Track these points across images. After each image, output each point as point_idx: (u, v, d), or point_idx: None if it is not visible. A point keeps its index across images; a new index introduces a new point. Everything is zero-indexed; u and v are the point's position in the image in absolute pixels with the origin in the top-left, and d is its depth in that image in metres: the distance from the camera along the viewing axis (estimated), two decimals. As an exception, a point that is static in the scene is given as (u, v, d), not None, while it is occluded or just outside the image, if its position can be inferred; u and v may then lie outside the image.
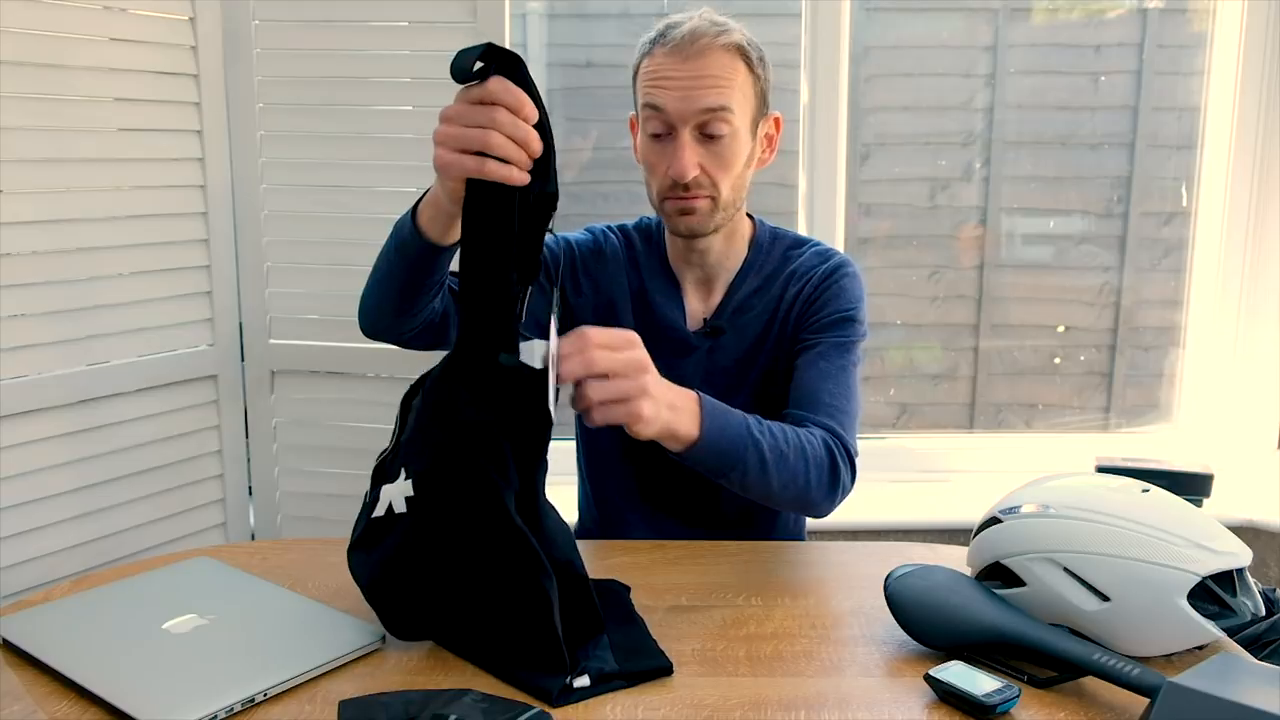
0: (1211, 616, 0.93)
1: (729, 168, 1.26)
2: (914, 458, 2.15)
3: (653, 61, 1.25)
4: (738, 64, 1.24)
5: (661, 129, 1.25)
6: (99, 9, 1.49)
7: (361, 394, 1.73)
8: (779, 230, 1.41)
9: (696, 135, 1.24)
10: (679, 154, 1.23)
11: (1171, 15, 2.07)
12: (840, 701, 0.90)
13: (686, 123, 1.23)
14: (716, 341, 1.35)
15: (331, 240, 1.70)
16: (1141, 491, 1.00)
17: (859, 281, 1.35)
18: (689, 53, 1.22)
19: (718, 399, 1.22)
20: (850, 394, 1.27)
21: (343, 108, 1.66)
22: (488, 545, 0.92)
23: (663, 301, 1.37)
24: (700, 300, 1.38)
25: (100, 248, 1.53)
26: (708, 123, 1.23)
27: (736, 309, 1.35)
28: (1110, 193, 2.13)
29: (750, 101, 1.26)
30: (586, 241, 1.42)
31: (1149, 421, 2.21)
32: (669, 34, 1.24)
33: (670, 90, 1.22)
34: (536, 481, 0.95)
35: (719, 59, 1.22)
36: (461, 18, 1.61)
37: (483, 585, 0.94)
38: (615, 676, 0.92)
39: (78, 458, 1.53)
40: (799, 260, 1.36)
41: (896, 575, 1.02)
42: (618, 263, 1.40)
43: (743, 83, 1.24)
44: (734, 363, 1.35)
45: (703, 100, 1.22)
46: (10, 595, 1.45)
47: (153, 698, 0.86)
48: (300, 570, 1.18)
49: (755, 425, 1.13)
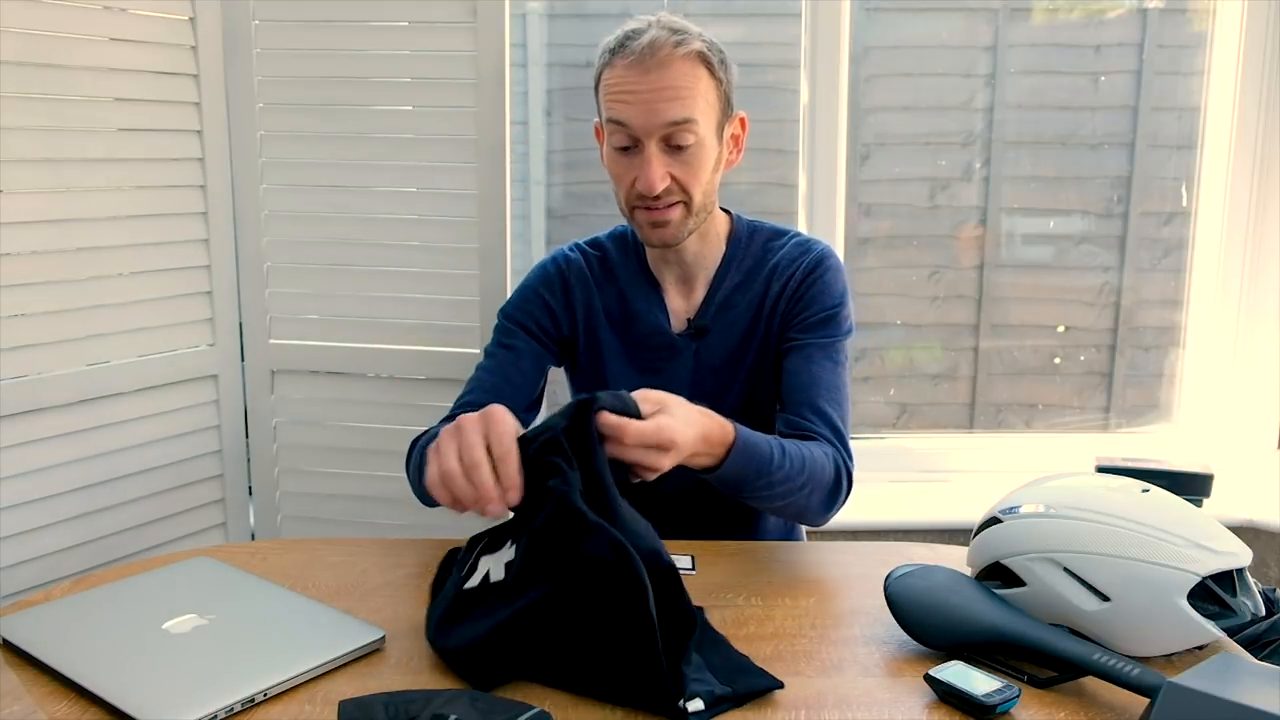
0: (1211, 616, 0.93)
1: (697, 176, 1.25)
2: (914, 458, 2.15)
3: (613, 74, 1.23)
4: (699, 72, 1.22)
5: (627, 142, 1.24)
6: (99, 9, 1.49)
7: (361, 394, 1.73)
8: (756, 223, 1.40)
9: (663, 146, 1.23)
10: (646, 167, 1.22)
11: (1171, 15, 2.07)
12: (840, 701, 0.90)
13: (652, 135, 1.22)
14: (703, 342, 1.35)
15: (331, 240, 1.70)
16: (1141, 491, 1.00)
17: (842, 274, 1.35)
18: (649, 65, 1.20)
19: (707, 398, 1.23)
20: (845, 396, 1.31)
21: (343, 108, 1.66)
22: (581, 564, 0.90)
23: (645, 308, 1.36)
24: (683, 299, 1.37)
25: (100, 248, 1.53)
26: (673, 135, 1.22)
27: (720, 306, 1.35)
28: (1110, 193, 2.13)
29: (714, 107, 1.25)
30: (549, 278, 1.39)
31: (1149, 421, 2.21)
32: (628, 45, 1.22)
33: (633, 105, 1.21)
34: (601, 475, 0.94)
35: (680, 69, 1.21)
36: (461, 18, 1.61)
37: (588, 620, 0.91)
38: (727, 700, 0.88)
39: (78, 458, 1.53)
40: (780, 253, 1.35)
41: (896, 575, 1.02)
42: (585, 284, 1.39)
43: (705, 90, 1.23)
44: (722, 361, 1.35)
45: (667, 114, 1.21)
46: (10, 595, 1.45)
47: (153, 698, 0.86)
48: (300, 570, 1.18)
49: (778, 455, 1.15)
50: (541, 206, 2.14)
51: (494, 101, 1.61)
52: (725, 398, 1.34)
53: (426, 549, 1.24)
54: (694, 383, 1.35)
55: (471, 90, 1.62)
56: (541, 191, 2.13)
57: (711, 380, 1.35)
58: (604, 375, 1.37)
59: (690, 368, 1.35)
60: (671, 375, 1.35)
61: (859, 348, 2.17)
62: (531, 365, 1.37)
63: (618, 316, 1.38)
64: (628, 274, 1.39)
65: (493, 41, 1.60)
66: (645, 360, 1.37)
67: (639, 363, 1.37)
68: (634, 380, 1.35)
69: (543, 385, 1.39)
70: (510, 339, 1.38)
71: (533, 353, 1.37)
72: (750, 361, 1.34)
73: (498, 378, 1.35)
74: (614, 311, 1.38)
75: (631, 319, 1.37)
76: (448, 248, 1.68)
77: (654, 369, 1.36)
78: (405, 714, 0.83)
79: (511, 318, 1.39)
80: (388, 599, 1.11)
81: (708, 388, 1.34)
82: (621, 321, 1.37)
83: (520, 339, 1.37)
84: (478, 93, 1.62)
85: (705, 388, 1.34)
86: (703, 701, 0.87)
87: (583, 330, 1.38)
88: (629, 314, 1.37)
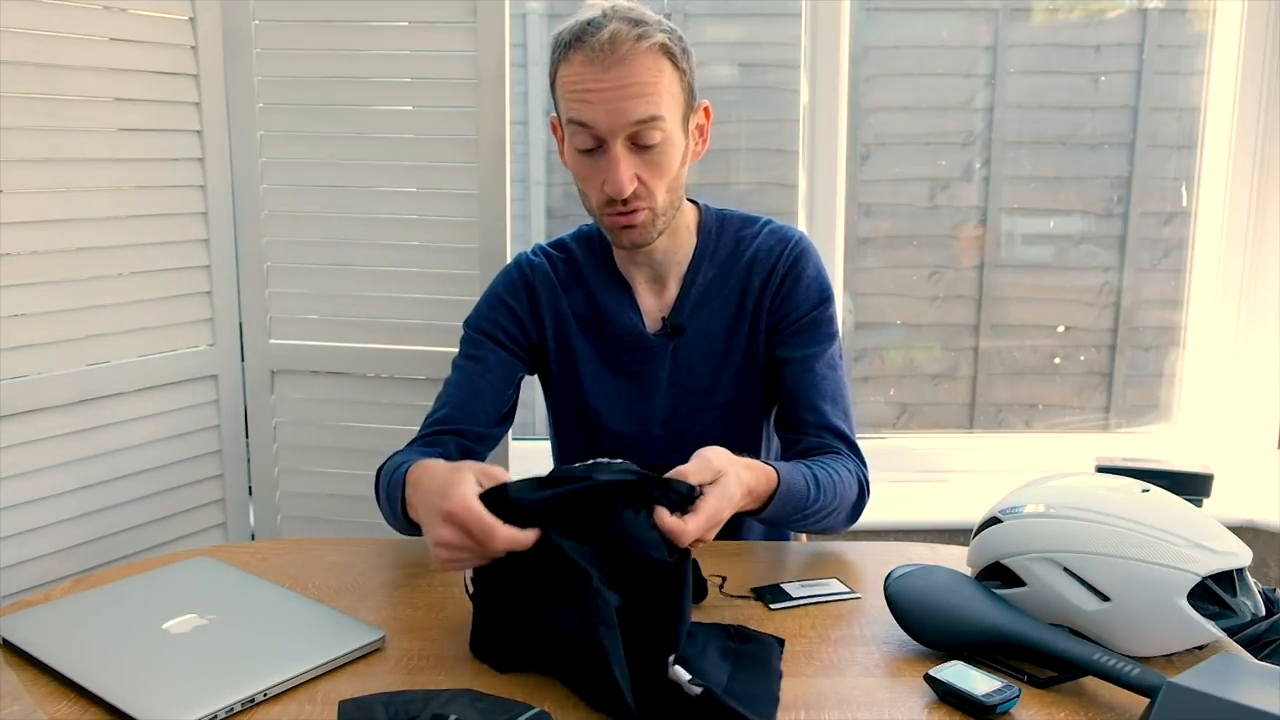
0: (1211, 616, 0.93)
1: (665, 174, 1.20)
2: (914, 458, 2.15)
3: (571, 70, 1.17)
4: (662, 65, 1.16)
5: (591, 143, 1.18)
6: (99, 9, 1.49)
7: (361, 394, 1.73)
8: (725, 211, 1.36)
9: (629, 146, 1.17)
10: (614, 170, 1.16)
11: (1171, 15, 2.07)
12: (840, 701, 0.90)
13: (617, 135, 1.16)
14: (680, 340, 1.32)
15: (331, 240, 1.70)
16: (1141, 491, 1.00)
17: (819, 260, 1.32)
18: (610, 61, 1.13)
19: (688, 397, 1.23)
20: (849, 400, 1.32)
21: (343, 108, 1.66)
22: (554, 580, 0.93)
23: (617, 310, 1.32)
24: (655, 297, 1.33)
25: (100, 248, 1.53)
26: (639, 134, 1.16)
27: (696, 303, 1.32)
28: (1110, 193, 2.13)
29: (679, 100, 1.20)
30: (514, 284, 1.35)
31: (1149, 421, 2.21)
32: (586, 39, 1.15)
33: (595, 104, 1.15)
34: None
35: (643, 63, 1.14)
36: (461, 18, 1.61)
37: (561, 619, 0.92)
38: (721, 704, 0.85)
39: (78, 458, 1.53)
40: (756, 243, 1.32)
41: (896, 575, 1.02)
42: (552, 288, 1.34)
43: (670, 83, 1.17)
44: (702, 358, 1.32)
45: (632, 112, 1.15)
46: (10, 595, 1.45)
47: (153, 698, 0.86)
48: (300, 570, 1.18)
49: (813, 490, 1.15)
50: (541, 206, 2.14)
51: (494, 101, 1.61)
52: (709, 396, 1.32)
53: (426, 549, 1.24)
54: (673, 382, 1.33)
55: (471, 90, 1.62)
56: (541, 191, 2.13)
57: (691, 378, 1.32)
58: (579, 381, 1.34)
59: (669, 368, 1.32)
60: (649, 377, 1.33)
61: (859, 348, 2.17)
62: (500, 377, 1.32)
63: (588, 319, 1.34)
64: (596, 275, 1.34)
65: (493, 41, 1.60)
66: (621, 364, 1.33)
67: (614, 366, 1.33)
68: (610, 384, 1.33)
69: (514, 396, 1.35)
70: (478, 350, 1.33)
71: (501, 363, 1.33)
72: (738, 358, 1.32)
73: (465, 392, 1.31)
74: (584, 315, 1.34)
75: (603, 321, 1.33)
76: (448, 248, 1.68)
77: (630, 372, 1.33)
78: (405, 714, 0.83)
79: (478, 328, 1.34)
80: (388, 599, 1.11)
81: (688, 386, 1.33)
82: (593, 325, 1.33)
83: (488, 349, 1.33)
84: (478, 93, 1.62)
85: (685, 387, 1.33)
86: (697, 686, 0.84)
87: (552, 337, 1.34)
88: (600, 316, 1.33)
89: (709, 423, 1.33)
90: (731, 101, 2.08)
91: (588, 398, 1.34)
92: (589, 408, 1.34)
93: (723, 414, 1.33)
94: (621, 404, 1.34)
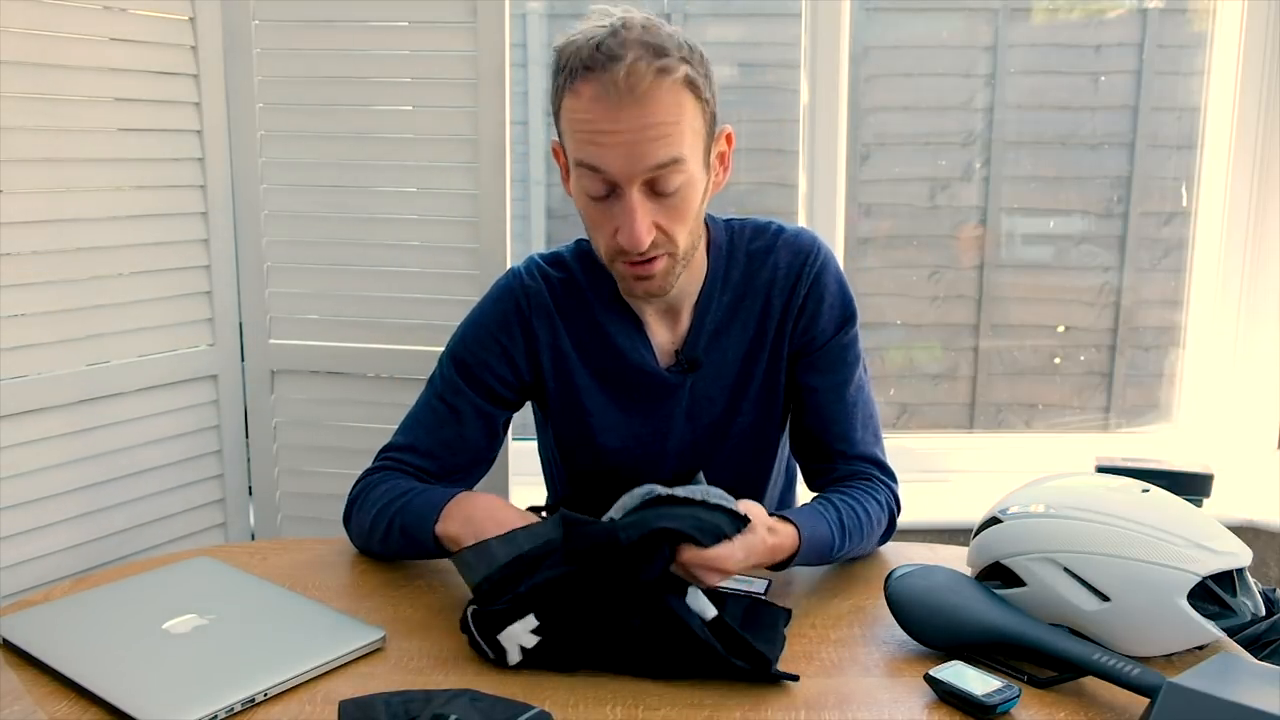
0: (1211, 616, 0.93)
1: (686, 218, 1.08)
2: (914, 458, 2.14)
3: (580, 104, 1.03)
4: (684, 99, 1.03)
5: (603, 190, 1.06)
6: (99, 9, 1.49)
7: (361, 394, 1.73)
8: (732, 222, 1.24)
9: (646, 191, 1.05)
10: (630, 221, 1.04)
11: (1171, 15, 2.07)
12: (840, 701, 0.90)
13: (633, 182, 1.04)
14: (697, 375, 1.21)
15: (331, 240, 1.70)
16: (1141, 491, 1.00)
17: (839, 271, 1.23)
18: (627, 101, 1.00)
19: (705, 428, 1.20)
20: (878, 415, 1.28)
21: (343, 108, 1.66)
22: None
23: (628, 346, 1.20)
24: (667, 330, 1.22)
25: (100, 248, 1.53)
26: (658, 179, 1.04)
27: (712, 334, 1.21)
28: (1110, 193, 2.13)
29: (701, 134, 1.07)
30: (507, 318, 1.23)
31: (1149, 421, 2.21)
32: (597, 69, 1.01)
33: (609, 148, 1.02)
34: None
35: (664, 102, 1.01)
36: (461, 17, 1.61)
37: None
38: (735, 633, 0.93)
39: (78, 458, 1.53)
40: (771, 260, 1.21)
41: (896, 575, 1.02)
42: (549, 319, 1.21)
43: (692, 118, 1.05)
44: (720, 389, 1.22)
45: (651, 156, 1.02)
46: (10, 595, 1.45)
47: (153, 698, 0.86)
48: (300, 570, 1.18)
49: (838, 539, 1.11)
50: (541, 206, 2.14)
51: (494, 101, 1.61)
52: (727, 425, 1.24)
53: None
54: (690, 416, 1.23)
55: (471, 90, 1.62)
56: (541, 191, 2.13)
57: (709, 410, 1.23)
58: (584, 419, 1.23)
59: (685, 404, 1.22)
60: (663, 415, 1.22)
61: (859, 348, 2.17)
62: (476, 430, 1.21)
63: (593, 352, 1.21)
64: (600, 301, 1.21)
65: (493, 41, 1.60)
66: (631, 401, 1.22)
67: (623, 404, 1.22)
68: (619, 421, 1.23)
69: (497, 442, 1.25)
70: (455, 398, 1.21)
71: (479, 415, 1.21)
72: (757, 385, 1.23)
73: (434, 441, 1.21)
74: (588, 346, 1.22)
75: (610, 357, 1.21)
76: (448, 248, 1.68)
77: (642, 412, 1.23)
78: (405, 714, 0.83)
79: (461, 366, 1.22)
80: (388, 599, 1.11)
81: (704, 419, 1.23)
82: (598, 359, 1.21)
83: (465, 400, 1.21)
84: (478, 93, 1.62)
85: (702, 420, 1.24)
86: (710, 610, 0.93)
87: (551, 374, 1.22)
88: (607, 351, 1.21)
89: (727, 451, 1.25)
90: (731, 101, 2.08)
91: (596, 436, 1.24)
92: (597, 445, 1.24)
93: (740, 440, 1.25)
94: (634, 442, 1.24)
